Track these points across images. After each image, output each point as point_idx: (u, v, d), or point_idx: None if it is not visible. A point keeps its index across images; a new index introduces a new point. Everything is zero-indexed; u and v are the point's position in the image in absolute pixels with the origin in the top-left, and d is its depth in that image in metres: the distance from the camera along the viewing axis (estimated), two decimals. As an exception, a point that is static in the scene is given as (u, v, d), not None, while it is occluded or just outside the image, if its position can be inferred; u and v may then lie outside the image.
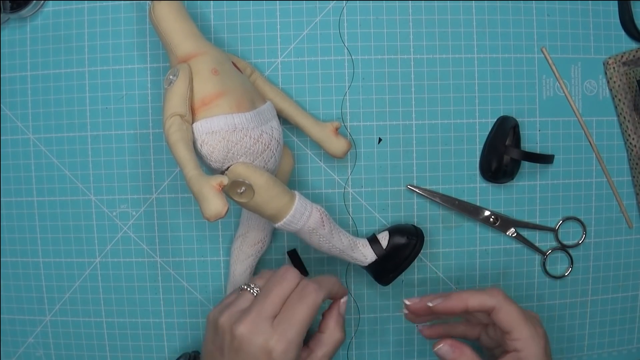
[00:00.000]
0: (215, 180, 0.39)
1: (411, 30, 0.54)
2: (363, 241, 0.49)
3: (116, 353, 0.56)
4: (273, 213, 0.45)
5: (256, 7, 0.53)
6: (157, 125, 0.54)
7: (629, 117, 0.55)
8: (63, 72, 0.54)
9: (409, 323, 0.56)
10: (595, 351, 0.58)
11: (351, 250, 0.48)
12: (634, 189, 0.57)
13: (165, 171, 0.54)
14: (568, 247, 0.56)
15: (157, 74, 0.54)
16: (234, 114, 0.43)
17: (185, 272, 0.55)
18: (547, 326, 0.57)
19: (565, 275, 0.56)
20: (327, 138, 0.51)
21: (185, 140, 0.41)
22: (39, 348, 0.56)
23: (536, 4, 0.55)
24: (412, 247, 0.50)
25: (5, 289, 0.56)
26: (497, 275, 0.56)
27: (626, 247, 0.57)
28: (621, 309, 0.58)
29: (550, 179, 0.56)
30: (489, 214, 0.55)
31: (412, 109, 0.55)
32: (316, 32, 0.54)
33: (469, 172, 0.55)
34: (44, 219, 0.55)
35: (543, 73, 0.55)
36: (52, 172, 0.55)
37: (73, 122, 0.54)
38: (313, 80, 0.54)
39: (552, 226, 0.56)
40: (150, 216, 0.55)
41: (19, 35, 0.54)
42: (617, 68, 0.55)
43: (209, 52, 0.45)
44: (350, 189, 0.55)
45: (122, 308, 0.55)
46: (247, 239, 0.52)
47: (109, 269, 0.55)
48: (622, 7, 0.55)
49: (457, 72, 0.54)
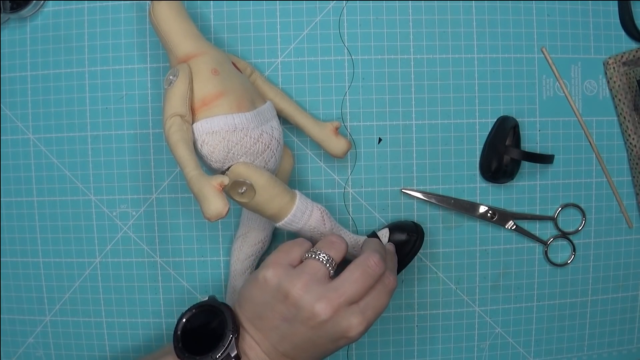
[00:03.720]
0: (215, 180, 0.39)
1: (411, 30, 0.54)
2: (363, 238, 0.50)
3: (116, 353, 0.56)
4: (274, 212, 0.45)
5: (256, 7, 0.53)
6: (157, 125, 0.54)
7: (629, 117, 0.55)
8: (63, 72, 0.54)
9: (409, 323, 0.56)
10: (595, 351, 0.58)
11: (352, 248, 0.49)
12: (634, 189, 0.57)
13: (165, 171, 0.54)
14: (568, 233, 0.56)
15: (157, 74, 0.53)
16: (234, 114, 0.43)
17: (185, 272, 0.55)
18: (547, 325, 0.57)
19: (567, 263, 0.56)
20: (327, 138, 0.51)
21: (185, 141, 0.41)
22: (39, 348, 0.56)
23: (536, 4, 0.55)
24: (412, 243, 0.50)
25: (5, 289, 0.56)
26: (497, 275, 0.56)
27: (626, 247, 0.57)
28: (621, 309, 0.58)
29: (550, 179, 0.56)
30: (485, 209, 0.55)
31: (412, 109, 0.55)
32: (316, 32, 0.54)
33: (469, 172, 0.55)
34: (44, 219, 0.55)
35: (543, 73, 0.55)
36: (52, 172, 0.55)
37: (73, 122, 0.54)
38: (313, 80, 0.54)
39: (551, 214, 0.56)
40: (150, 216, 0.55)
41: (19, 35, 0.54)
42: (617, 68, 0.55)
43: (208, 52, 0.45)
44: (350, 189, 0.55)
45: (122, 308, 0.55)
46: (247, 239, 0.52)
47: (109, 269, 0.55)
48: (622, 7, 0.55)
49: (457, 72, 0.54)
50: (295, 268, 0.42)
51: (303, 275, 0.41)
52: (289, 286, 0.41)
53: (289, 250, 0.44)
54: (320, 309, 0.40)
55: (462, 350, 0.57)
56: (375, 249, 0.44)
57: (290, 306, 0.41)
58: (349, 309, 0.41)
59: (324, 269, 0.42)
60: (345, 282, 0.41)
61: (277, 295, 0.41)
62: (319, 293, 0.40)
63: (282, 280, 0.41)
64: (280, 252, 0.44)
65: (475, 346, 0.57)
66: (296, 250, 0.44)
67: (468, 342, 0.57)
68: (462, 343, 0.57)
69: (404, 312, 0.56)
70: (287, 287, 0.41)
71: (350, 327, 0.41)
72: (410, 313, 0.56)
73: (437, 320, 0.56)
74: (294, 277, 0.41)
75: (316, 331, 0.41)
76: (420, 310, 0.56)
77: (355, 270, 0.42)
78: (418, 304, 0.56)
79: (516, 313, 0.57)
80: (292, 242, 0.45)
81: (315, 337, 0.41)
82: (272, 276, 0.42)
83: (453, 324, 0.56)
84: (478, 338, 0.57)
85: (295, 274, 0.41)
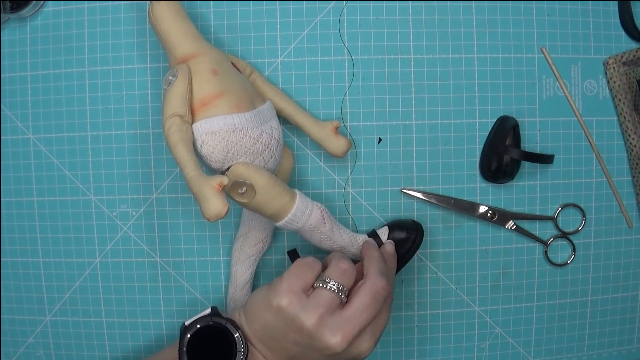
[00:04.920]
0: (215, 180, 0.39)
1: (411, 30, 0.54)
2: (363, 237, 0.50)
3: (116, 353, 0.56)
4: (274, 212, 0.45)
5: (256, 7, 0.53)
6: (157, 125, 0.54)
7: (629, 117, 0.55)
8: (63, 72, 0.54)
9: (409, 323, 0.56)
10: (595, 351, 0.58)
11: (352, 246, 0.49)
12: (634, 189, 0.57)
13: (165, 171, 0.54)
14: (568, 233, 0.56)
15: (157, 74, 0.53)
16: (234, 114, 0.43)
17: (185, 272, 0.55)
18: (547, 325, 0.57)
19: (567, 263, 0.56)
20: (327, 137, 0.51)
21: (185, 141, 0.41)
22: (39, 348, 0.56)
23: (536, 4, 0.55)
24: (412, 241, 0.50)
25: (5, 289, 0.56)
26: (497, 275, 0.56)
27: (626, 247, 0.57)
28: (621, 309, 0.58)
29: (550, 179, 0.56)
30: (485, 209, 0.55)
31: (412, 109, 0.55)
32: (316, 32, 0.54)
33: (469, 172, 0.55)
34: (44, 219, 0.55)
35: (543, 73, 0.55)
36: (52, 172, 0.55)
37: (73, 122, 0.54)
38: (313, 80, 0.54)
39: (551, 214, 0.56)
40: (150, 216, 0.55)
41: (19, 35, 0.54)
42: (617, 68, 0.55)
43: (208, 52, 0.45)
44: (350, 189, 0.55)
45: (122, 308, 0.55)
46: (248, 239, 0.52)
47: (109, 269, 0.55)
48: (622, 7, 0.55)
49: (457, 72, 0.54)
50: (309, 298, 0.42)
51: (318, 308, 0.41)
52: (304, 319, 0.41)
53: (301, 274, 0.43)
54: (337, 343, 0.41)
55: (462, 350, 0.57)
56: (379, 271, 0.44)
57: (304, 336, 0.41)
58: (361, 336, 0.42)
59: (337, 300, 0.42)
60: (357, 312, 0.42)
61: (291, 325, 0.42)
62: (334, 326, 0.41)
63: (297, 311, 0.41)
64: (292, 278, 0.43)
65: (475, 346, 0.57)
66: (308, 274, 0.43)
67: (468, 342, 0.57)
68: (462, 343, 0.57)
69: (404, 312, 0.56)
70: (303, 319, 0.41)
71: (362, 352, 0.43)
72: (410, 313, 0.56)
73: (437, 320, 0.56)
74: (309, 310, 0.41)
75: (330, 358, 0.42)
76: (420, 310, 0.56)
77: (365, 297, 0.42)
78: (418, 304, 0.56)
79: (516, 313, 0.57)
80: (303, 263, 0.44)
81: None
82: (287, 305, 0.41)
83: (453, 324, 0.56)
84: (478, 338, 0.57)
85: (310, 306, 0.41)
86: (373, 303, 0.42)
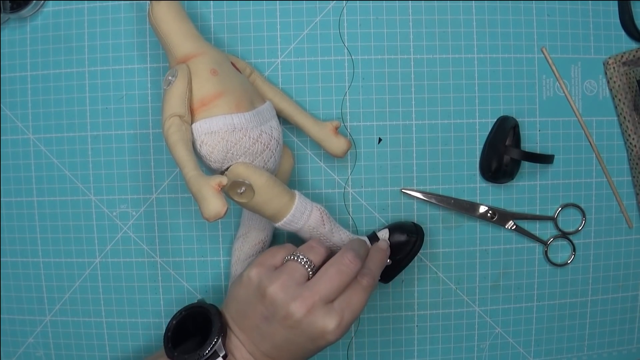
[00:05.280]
0: (214, 180, 0.39)
1: (411, 30, 0.54)
2: (363, 239, 0.49)
3: (116, 353, 0.56)
4: (273, 213, 0.45)
5: (256, 7, 0.53)
6: (157, 125, 0.54)
7: (629, 117, 0.55)
8: (63, 72, 0.54)
9: (409, 323, 0.56)
10: (595, 351, 0.58)
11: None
12: (634, 189, 0.57)
13: (165, 171, 0.54)
14: (568, 233, 0.56)
15: (157, 74, 0.54)
16: (233, 114, 0.43)
17: (185, 272, 0.55)
18: (547, 325, 0.57)
19: (567, 263, 0.56)
20: (327, 137, 0.51)
21: (184, 141, 0.41)
22: (39, 348, 0.56)
23: (536, 4, 0.55)
24: (412, 244, 0.50)
25: (5, 289, 0.56)
26: (497, 275, 0.56)
27: (626, 247, 0.57)
28: (621, 309, 0.58)
29: (550, 179, 0.56)
30: (485, 209, 0.55)
31: (412, 109, 0.55)
32: (316, 32, 0.54)
33: (469, 172, 0.55)
34: (44, 219, 0.55)
35: (543, 73, 0.55)
36: (52, 172, 0.55)
37: (73, 122, 0.54)
38: (313, 80, 0.54)
39: (551, 214, 0.56)
40: (150, 216, 0.55)
41: (19, 35, 0.54)
42: (617, 68, 0.55)
43: (207, 52, 0.45)
44: (350, 189, 0.55)
45: (122, 308, 0.55)
46: (247, 239, 0.52)
47: (109, 269, 0.55)
48: (622, 7, 0.55)
49: (457, 72, 0.54)
50: (276, 269, 0.44)
51: (282, 275, 0.42)
52: (267, 284, 0.42)
53: (275, 253, 0.45)
54: (295, 308, 0.41)
55: (462, 350, 0.57)
56: (351, 247, 0.45)
57: (268, 305, 0.42)
58: (324, 308, 0.41)
59: (302, 270, 0.43)
60: (319, 280, 0.42)
61: (257, 294, 0.43)
62: (295, 292, 0.41)
63: (262, 279, 0.43)
64: (265, 254, 0.45)
65: (475, 346, 0.57)
66: (281, 253, 0.45)
67: (468, 342, 0.57)
68: (462, 343, 0.57)
69: (404, 312, 0.56)
70: (266, 285, 0.42)
71: (326, 326, 0.41)
72: (410, 313, 0.56)
73: (437, 320, 0.56)
74: (273, 277, 0.42)
75: (293, 330, 0.42)
76: (420, 310, 0.56)
77: (329, 268, 0.43)
78: (418, 304, 0.56)
79: (516, 313, 0.57)
80: (279, 246, 0.46)
81: (293, 336, 0.42)
82: (254, 275, 0.43)
83: (453, 324, 0.56)
84: (478, 338, 0.57)
85: (275, 275, 0.43)
86: (336, 275, 0.42)
